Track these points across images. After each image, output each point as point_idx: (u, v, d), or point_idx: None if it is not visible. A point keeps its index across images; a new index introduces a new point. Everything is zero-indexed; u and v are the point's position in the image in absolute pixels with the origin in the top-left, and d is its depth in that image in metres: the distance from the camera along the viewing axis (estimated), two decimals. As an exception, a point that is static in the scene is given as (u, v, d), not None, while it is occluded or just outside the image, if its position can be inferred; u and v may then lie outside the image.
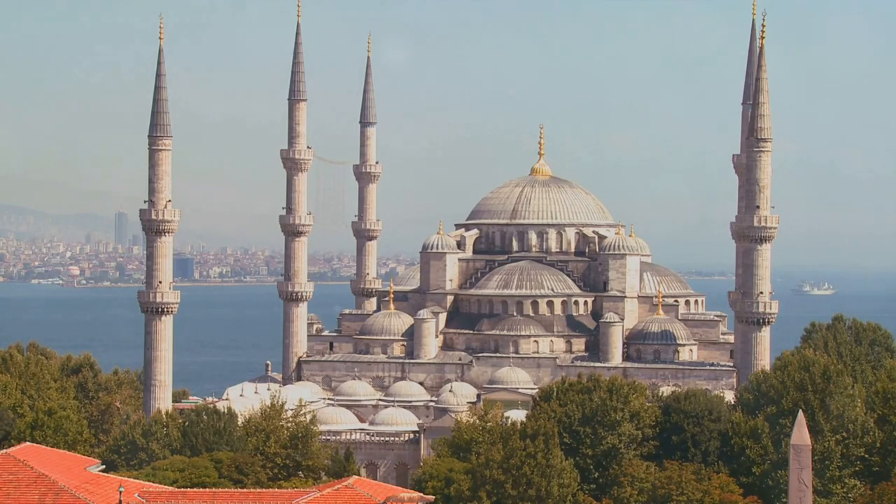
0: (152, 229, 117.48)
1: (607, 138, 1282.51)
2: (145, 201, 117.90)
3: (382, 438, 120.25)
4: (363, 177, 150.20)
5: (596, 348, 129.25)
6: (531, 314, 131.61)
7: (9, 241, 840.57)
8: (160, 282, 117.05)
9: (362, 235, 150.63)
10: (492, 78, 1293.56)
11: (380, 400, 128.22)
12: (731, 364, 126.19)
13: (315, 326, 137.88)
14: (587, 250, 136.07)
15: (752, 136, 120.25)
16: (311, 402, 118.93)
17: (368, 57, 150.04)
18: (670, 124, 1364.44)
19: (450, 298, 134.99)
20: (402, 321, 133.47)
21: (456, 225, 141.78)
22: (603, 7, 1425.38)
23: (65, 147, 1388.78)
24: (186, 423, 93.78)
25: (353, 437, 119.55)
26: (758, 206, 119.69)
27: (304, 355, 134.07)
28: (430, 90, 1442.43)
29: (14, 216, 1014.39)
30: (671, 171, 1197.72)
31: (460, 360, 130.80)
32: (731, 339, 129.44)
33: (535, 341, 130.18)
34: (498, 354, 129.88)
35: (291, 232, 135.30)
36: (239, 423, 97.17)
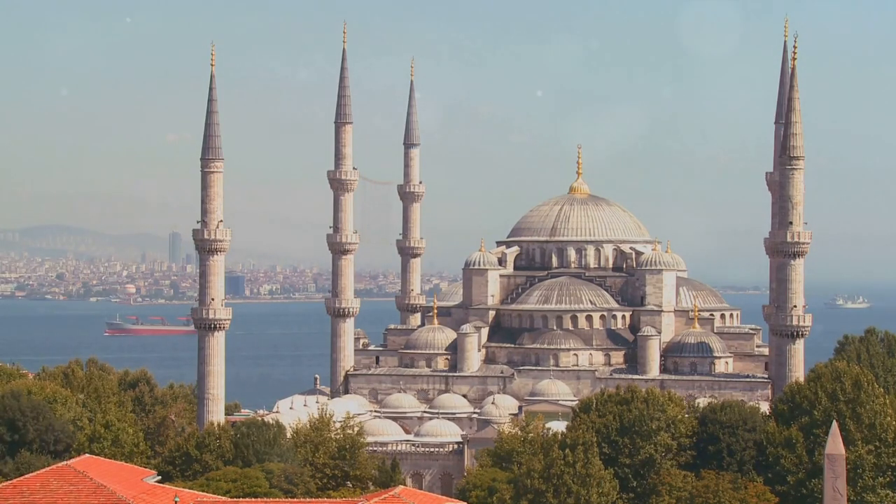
0: (205, 248, 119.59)
1: (645, 156, 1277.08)
2: (198, 221, 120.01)
3: (427, 449, 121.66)
4: (407, 196, 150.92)
5: (634, 361, 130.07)
6: (571, 328, 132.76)
7: (68, 261, 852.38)
8: (212, 299, 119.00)
9: (407, 253, 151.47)
10: (532, 98, 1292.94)
11: (424, 412, 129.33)
12: (766, 376, 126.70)
13: (362, 341, 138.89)
14: (624, 266, 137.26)
15: (784, 155, 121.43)
16: (359, 414, 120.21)
17: (412, 81, 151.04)
18: (706, 142, 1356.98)
19: (492, 313, 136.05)
20: (446, 336, 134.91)
21: (497, 242, 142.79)
22: (639, 26, 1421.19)
23: (122, 168, 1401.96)
24: (238, 435, 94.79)
25: (398, 447, 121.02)
26: (791, 223, 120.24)
27: (352, 369, 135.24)
28: (471, 110, 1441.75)
29: (73, 237, 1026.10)
30: (707, 188, 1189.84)
31: (502, 373, 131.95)
32: (766, 351, 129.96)
33: (575, 354, 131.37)
34: (539, 367, 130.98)
35: (338, 250, 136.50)
36: (288, 434, 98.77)
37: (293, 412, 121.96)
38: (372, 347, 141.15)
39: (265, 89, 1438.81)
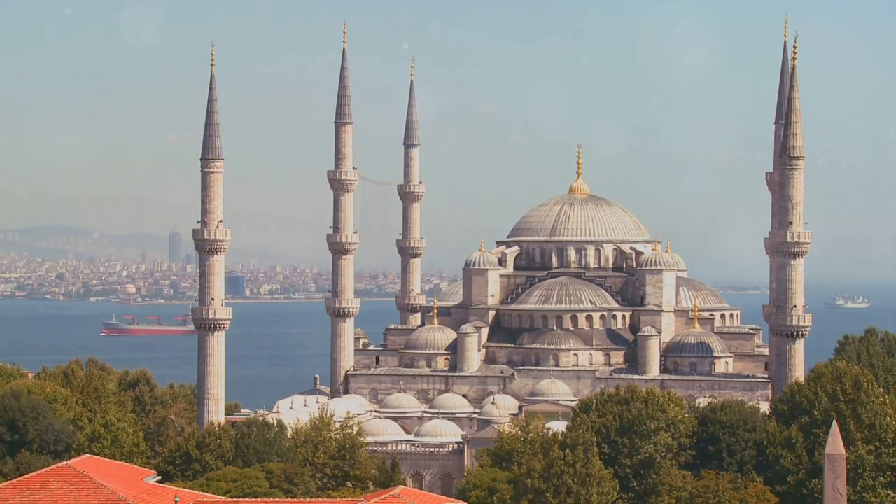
0: (205, 248, 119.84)
1: (645, 156, 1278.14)
2: (198, 221, 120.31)
3: (427, 449, 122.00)
4: (407, 196, 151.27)
5: (634, 361, 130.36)
6: (571, 328, 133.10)
7: (68, 261, 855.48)
8: (212, 299, 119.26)
9: (407, 253, 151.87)
10: (530, 98, 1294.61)
11: (424, 412, 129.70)
12: (766, 376, 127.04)
13: (362, 341, 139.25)
14: (624, 266, 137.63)
15: (784, 155, 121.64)
16: (359, 414, 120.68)
17: (412, 80, 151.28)
18: (706, 143, 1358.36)
19: (492, 313, 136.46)
20: (446, 336, 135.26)
21: (497, 242, 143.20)
22: (639, 26, 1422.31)
23: (122, 168, 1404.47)
24: (238, 435, 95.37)
25: (398, 447, 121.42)
26: (791, 223, 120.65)
27: (352, 369, 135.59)
28: (471, 110, 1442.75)
29: (73, 237, 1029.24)
30: (707, 188, 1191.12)
31: (502, 373, 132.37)
32: (766, 351, 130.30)
33: (575, 354, 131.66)
34: (539, 367, 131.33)
35: (338, 250, 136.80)
36: (288, 435, 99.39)
37: (293, 412, 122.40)
38: (372, 347, 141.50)
39: (265, 89, 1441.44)
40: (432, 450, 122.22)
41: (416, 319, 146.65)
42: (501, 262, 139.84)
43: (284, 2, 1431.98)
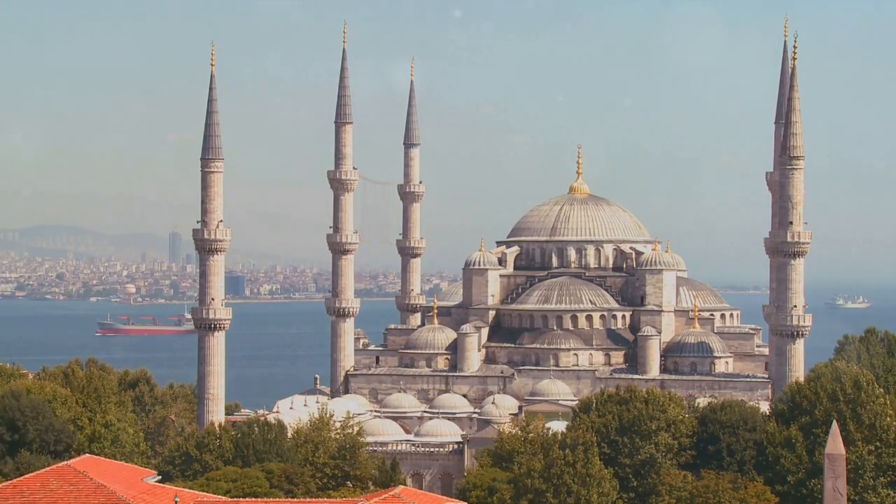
0: (205, 248, 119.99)
1: (645, 156, 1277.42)
2: (198, 221, 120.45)
3: (427, 449, 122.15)
4: (407, 196, 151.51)
5: (634, 361, 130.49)
6: (571, 328, 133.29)
7: (69, 261, 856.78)
8: (212, 299, 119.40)
9: (407, 253, 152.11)
10: (531, 98, 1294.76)
11: (424, 412, 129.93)
12: (766, 376, 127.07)
13: (362, 341, 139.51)
14: (625, 266, 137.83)
15: (784, 155, 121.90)
16: (359, 414, 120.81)
17: (412, 80, 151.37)
18: (706, 143, 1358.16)
19: (492, 313, 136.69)
20: (446, 335, 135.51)
21: (497, 242, 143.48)
22: (639, 27, 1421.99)
23: (122, 168, 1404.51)
24: (239, 435, 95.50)
25: (399, 447, 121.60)
26: (791, 222, 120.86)
27: (352, 369, 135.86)
28: (471, 110, 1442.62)
29: (73, 237, 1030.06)
30: (707, 188, 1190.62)
31: (502, 372, 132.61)
32: (766, 351, 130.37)
33: (575, 354, 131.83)
34: (539, 367, 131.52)
35: (339, 250, 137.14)
36: (288, 435, 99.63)
37: (293, 412, 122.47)
38: (372, 347, 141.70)
39: (265, 89, 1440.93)
40: (432, 450, 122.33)
41: (416, 319, 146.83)
42: (501, 262, 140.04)
43: (284, 2, 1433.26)
